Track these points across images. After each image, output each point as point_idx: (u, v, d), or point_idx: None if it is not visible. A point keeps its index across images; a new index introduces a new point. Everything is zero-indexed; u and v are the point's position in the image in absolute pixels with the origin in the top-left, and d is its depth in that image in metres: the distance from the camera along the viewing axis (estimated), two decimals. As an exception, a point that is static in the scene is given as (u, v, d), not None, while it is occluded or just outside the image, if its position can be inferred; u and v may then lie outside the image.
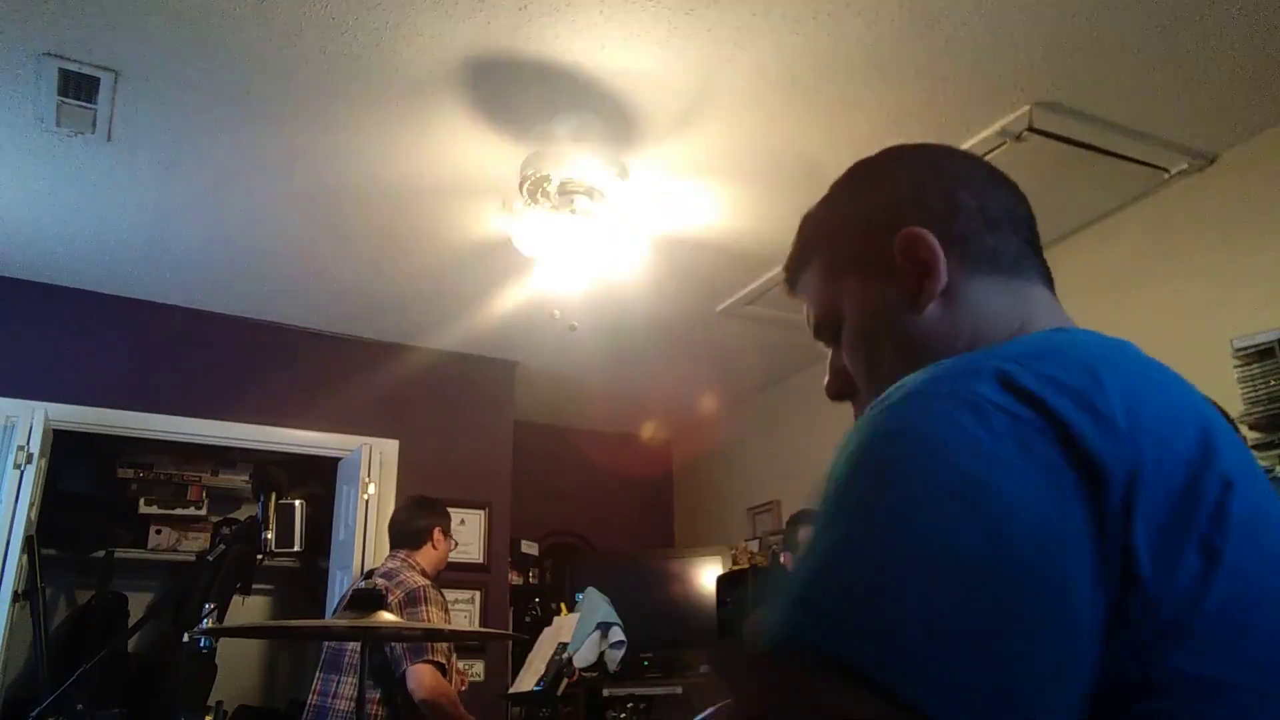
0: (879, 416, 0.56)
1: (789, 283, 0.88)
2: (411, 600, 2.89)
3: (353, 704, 2.83)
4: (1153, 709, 0.50)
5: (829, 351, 0.84)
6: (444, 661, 2.85)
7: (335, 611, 3.32)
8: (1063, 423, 0.53)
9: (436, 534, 3.17)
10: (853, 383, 0.81)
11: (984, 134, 2.89)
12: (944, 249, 0.74)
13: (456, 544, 3.35)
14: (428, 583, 2.99)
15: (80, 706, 3.51)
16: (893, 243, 0.75)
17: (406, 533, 3.18)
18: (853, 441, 0.56)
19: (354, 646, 2.90)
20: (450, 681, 2.96)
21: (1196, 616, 0.51)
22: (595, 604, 4.42)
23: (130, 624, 4.57)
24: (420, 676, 2.77)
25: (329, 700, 2.92)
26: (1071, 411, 0.53)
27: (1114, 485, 0.51)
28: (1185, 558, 0.52)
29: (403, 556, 3.10)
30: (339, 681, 2.93)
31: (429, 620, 2.85)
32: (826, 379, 0.84)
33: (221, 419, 4.12)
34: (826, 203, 0.86)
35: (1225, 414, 0.67)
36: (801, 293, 0.86)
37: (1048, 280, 0.77)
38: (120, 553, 4.69)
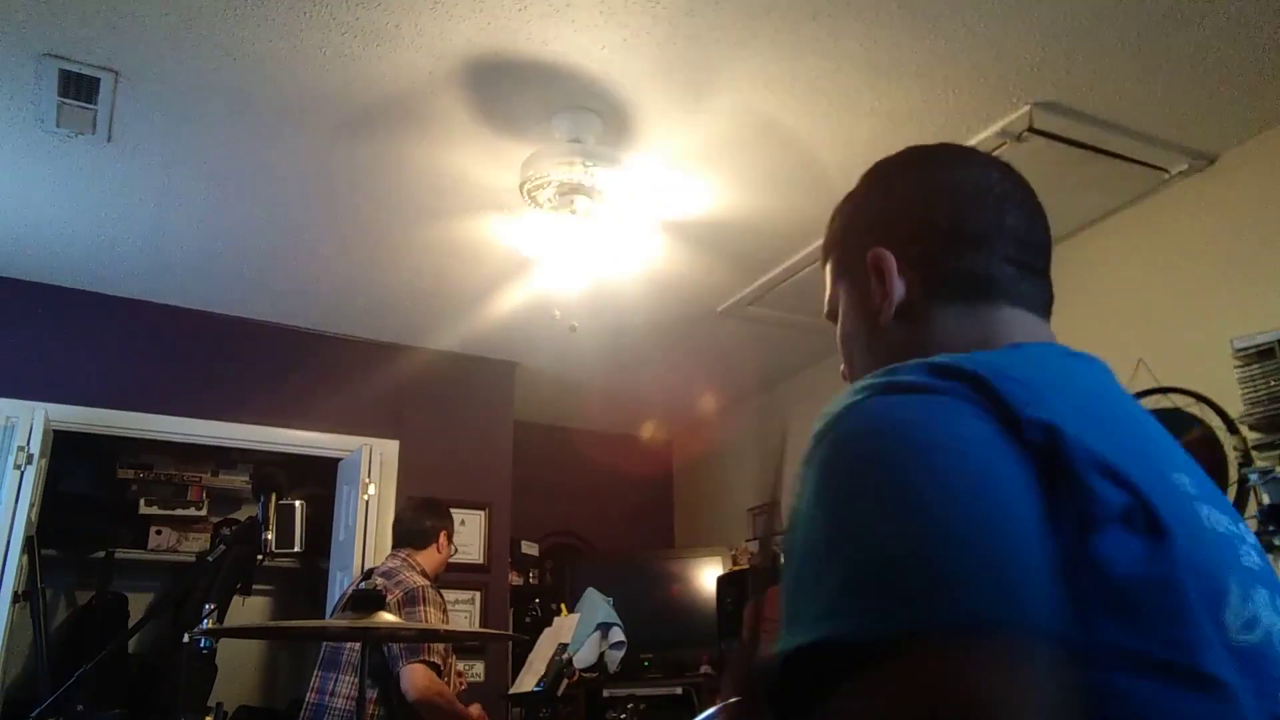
0: (840, 421, 0.60)
1: (822, 264, 0.93)
2: (410, 600, 2.88)
3: (350, 702, 2.84)
4: (1089, 680, 0.52)
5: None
6: (439, 662, 2.84)
7: (334, 610, 3.31)
8: (990, 388, 0.58)
9: (443, 537, 3.17)
10: None
11: (984, 134, 2.89)
12: (908, 270, 0.77)
13: (456, 550, 3.34)
14: (427, 583, 2.99)
15: (80, 707, 3.51)
16: (866, 259, 0.80)
17: (413, 532, 3.17)
18: (824, 450, 0.59)
19: (352, 645, 2.90)
20: (449, 682, 2.96)
21: (1140, 592, 0.54)
22: (595, 604, 4.42)
23: (130, 624, 4.56)
24: (413, 676, 2.76)
25: (326, 698, 2.92)
26: (995, 379, 0.59)
27: (1039, 445, 0.56)
28: (1134, 532, 0.55)
29: (404, 556, 3.10)
30: (336, 679, 2.93)
31: (427, 620, 2.84)
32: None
33: (221, 419, 4.12)
34: (844, 203, 0.89)
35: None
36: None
37: (1029, 299, 0.78)
38: (120, 553, 4.69)
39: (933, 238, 0.77)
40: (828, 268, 0.89)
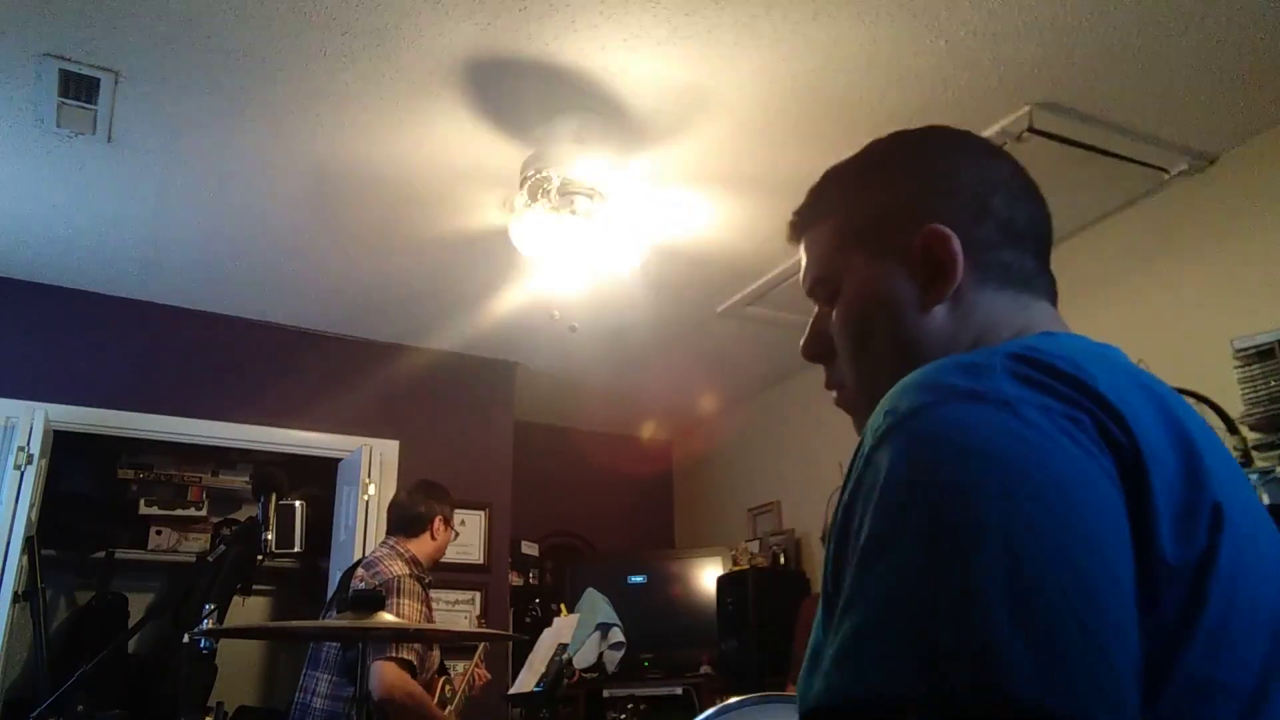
0: (910, 426, 0.54)
1: (793, 229, 0.84)
2: (385, 591, 2.73)
3: (329, 700, 2.78)
4: (1166, 710, 0.50)
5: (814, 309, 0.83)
6: (413, 659, 2.72)
7: (326, 607, 3.27)
8: (1087, 409, 0.54)
9: (437, 523, 3.02)
10: (832, 348, 0.80)
11: (984, 135, 2.88)
12: (964, 253, 0.72)
13: (457, 535, 3.18)
14: (406, 573, 2.85)
15: (80, 707, 3.51)
16: (915, 233, 0.73)
17: (405, 519, 3.02)
18: (889, 458, 0.53)
19: (332, 642, 2.81)
20: (430, 681, 2.87)
21: (1202, 614, 0.52)
22: (595, 605, 4.42)
23: (130, 625, 4.56)
24: (379, 674, 2.64)
25: (308, 697, 2.83)
26: (1084, 400, 0.55)
27: (1132, 468, 0.53)
28: (1195, 549, 0.53)
29: (392, 544, 2.97)
30: (317, 679, 2.84)
31: (399, 613, 2.71)
32: (805, 337, 0.83)
33: (221, 419, 4.12)
34: (857, 166, 0.82)
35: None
36: (805, 245, 0.83)
37: (1052, 295, 0.77)
38: (120, 553, 4.69)
39: (990, 225, 0.74)
40: (820, 232, 0.80)
